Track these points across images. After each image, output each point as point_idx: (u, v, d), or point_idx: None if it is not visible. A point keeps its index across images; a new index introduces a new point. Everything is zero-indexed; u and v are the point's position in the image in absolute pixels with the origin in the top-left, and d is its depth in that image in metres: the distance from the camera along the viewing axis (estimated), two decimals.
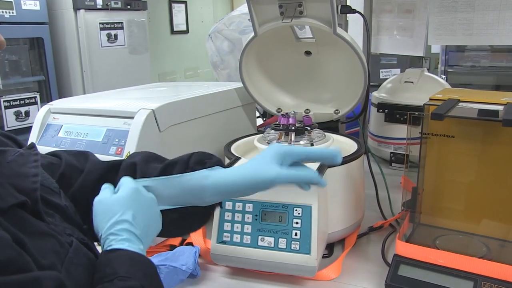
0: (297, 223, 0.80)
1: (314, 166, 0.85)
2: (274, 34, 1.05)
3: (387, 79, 1.70)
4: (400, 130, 1.41)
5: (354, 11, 1.15)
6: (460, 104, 0.84)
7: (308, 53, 1.13)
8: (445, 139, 0.83)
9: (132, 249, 0.53)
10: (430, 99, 0.89)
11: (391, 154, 1.45)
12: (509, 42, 1.37)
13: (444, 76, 3.45)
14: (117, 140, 0.93)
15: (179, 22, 4.64)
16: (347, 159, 0.90)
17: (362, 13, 1.52)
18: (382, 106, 1.43)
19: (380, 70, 3.56)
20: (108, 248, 0.53)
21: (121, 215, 0.56)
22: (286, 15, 0.96)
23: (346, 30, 1.56)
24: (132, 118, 0.92)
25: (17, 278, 0.40)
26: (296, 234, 0.80)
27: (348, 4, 1.51)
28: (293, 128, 0.97)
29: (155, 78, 4.29)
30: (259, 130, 1.36)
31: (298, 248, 0.80)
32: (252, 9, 0.97)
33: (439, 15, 1.46)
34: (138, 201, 0.59)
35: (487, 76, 3.52)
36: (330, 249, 0.95)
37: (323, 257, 0.91)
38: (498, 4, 1.36)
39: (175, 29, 4.60)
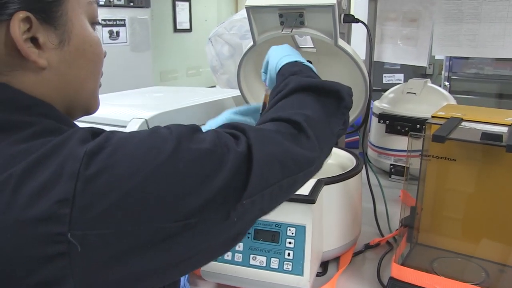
0: (290, 243, 0.78)
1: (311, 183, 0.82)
2: (274, 42, 1.02)
3: (390, 83, 1.68)
4: (401, 142, 1.38)
5: (357, 21, 1.12)
6: (463, 123, 0.81)
7: (308, 62, 1.10)
8: (446, 161, 0.80)
9: None
10: (432, 117, 0.87)
11: (391, 166, 1.42)
12: None
13: (448, 83, 3.41)
14: None
15: (182, 20, 4.60)
16: (344, 176, 0.88)
17: (366, 20, 1.50)
18: (383, 117, 1.41)
19: (383, 75, 3.52)
20: None
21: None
22: (286, 25, 0.93)
23: (349, 37, 1.53)
24: (125, 127, 0.89)
25: None
26: (289, 255, 0.78)
27: (352, 11, 1.48)
28: None
29: (157, 76, 4.26)
30: None
31: (290, 269, 0.77)
32: (251, 18, 0.95)
33: (444, 25, 1.43)
34: None
35: (490, 84, 3.48)
36: (324, 267, 0.92)
37: (317, 275, 0.89)
38: (504, 16, 1.33)
39: (178, 27, 4.57)
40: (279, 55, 0.79)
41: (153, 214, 0.41)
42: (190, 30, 4.74)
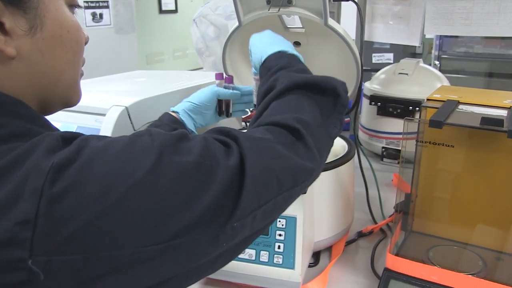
0: (280, 235, 0.74)
1: None
2: (261, 22, 0.96)
3: (379, 63, 1.62)
4: (393, 124, 1.35)
5: None
6: (460, 107, 0.77)
7: (297, 43, 1.05)
8: (442, 147, 0.77)
9: None
10: (428, 100, 0.83)
11: (383, 149, 1.39)
12: (509, 33, 1.30)
13: (438, 62, 3.38)
14: None
15: (168, 1, 4.48)
16: (336, 164, 0.84)
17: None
18: (374, 99, 1.37)
19: (373, 55, 3.47)
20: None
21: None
22: (273, 4, 0.88)
23: (339, 17, 1.48)
24: (104, 115, 0.84)
25: None
26: (279, 247, 0.74)
27: None
28: None
29: (143, 59, 4.17)
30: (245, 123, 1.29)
31: (281, 262, 0.74)
32: None
33: (437, 3, 1.38)
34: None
35: (480, 63, 3.46)
36: (316, 257, 0.89)
37: (309, 266, 0.85)
38: None
39: (163, 8, 4.45)
40: (262, 45, 0.73)
41: (128, 237, 0.36)
42: (175, 11, 4.63)
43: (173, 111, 0.85)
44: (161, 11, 4.47)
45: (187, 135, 0.43)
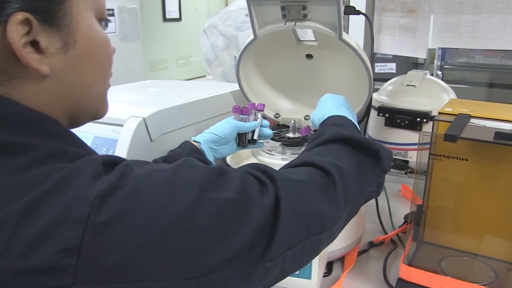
0: None
1: None
2: (274, 36, 0.99)
3: (382, 73, 1.64)
4: (401, 135, 1.37)
5: (358, 12, 1.09)
6: (472, 120, 0.79)
7: (309, 56, 1.07)
8: (454, 159, 0.79)
9: None
10: (439, 113, 0.84)
11: None
12: None
13: (440, 72, 3.40)
14: (105, 149, 0.87)
15: (172, 9, 4.51)
16: None
17: (364, 10, 1.47)
18: (382, 110, 1.38)
19: (376, 64, 3.48)
20: None
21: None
22: (289, 18, 0.90)
23: (348, 29, 1.50)
24: (121, 125, 0.86)
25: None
26: None
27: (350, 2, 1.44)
28: (299, 139, 0.93)
29: (147, 66, 4.19)
30: None
31: (297, 272, 0.75)
32: (252, 10, 0.91)
33: (444, 16, 1.40)
34: None
35: (481, 73, 3.48)
36: (329, 267, 0.90)
37: (323, 276, 0.87)
38: (505, 7, 1.31)
39: (167, 16, 4.48)
40: (329, 105, 0.77)
41: (165, 270, 0.37)
42: (179, 19, 4.66)
43: (194, 141, 0.86)
44: (165, 19, 4.50)
45: (226, 170, 0.44)
